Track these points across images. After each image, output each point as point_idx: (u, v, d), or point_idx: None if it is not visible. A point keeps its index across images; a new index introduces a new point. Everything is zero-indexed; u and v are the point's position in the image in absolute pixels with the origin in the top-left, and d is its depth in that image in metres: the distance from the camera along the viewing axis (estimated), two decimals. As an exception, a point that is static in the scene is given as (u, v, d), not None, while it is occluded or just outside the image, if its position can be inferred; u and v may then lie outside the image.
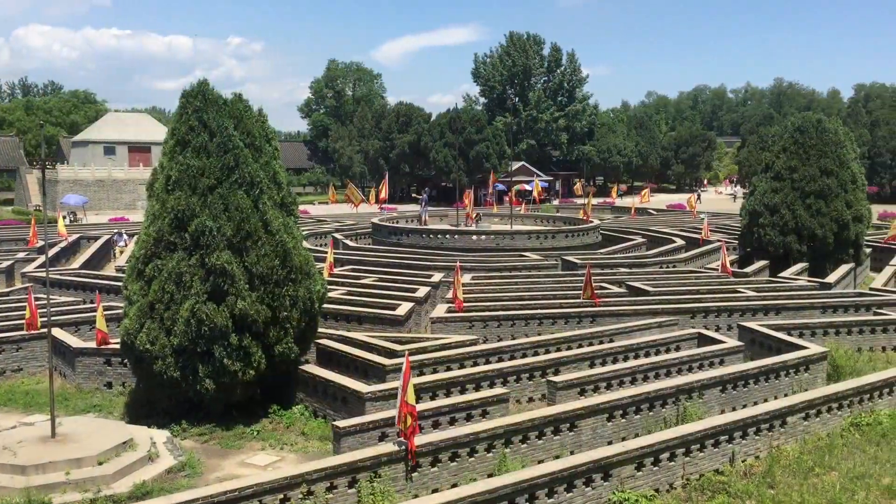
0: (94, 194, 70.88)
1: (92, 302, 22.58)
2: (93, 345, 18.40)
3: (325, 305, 19.50)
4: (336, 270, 28.20)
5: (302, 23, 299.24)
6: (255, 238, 15.63)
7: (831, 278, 27.73)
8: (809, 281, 27.85)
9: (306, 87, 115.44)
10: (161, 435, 14.59)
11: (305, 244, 19.14)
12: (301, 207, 58.29)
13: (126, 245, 37.35)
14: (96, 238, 39.42)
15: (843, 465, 13.41)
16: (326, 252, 29.08)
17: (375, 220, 43.76)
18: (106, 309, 19.59)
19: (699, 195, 68.52)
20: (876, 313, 23.13)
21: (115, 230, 40.23)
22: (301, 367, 16.77)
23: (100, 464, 12.87)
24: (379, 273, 28.50)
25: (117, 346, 17.20)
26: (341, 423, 13.09)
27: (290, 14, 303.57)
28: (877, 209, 46.42)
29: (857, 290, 27.90)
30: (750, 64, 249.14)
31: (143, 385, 16.60)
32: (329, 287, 22.00)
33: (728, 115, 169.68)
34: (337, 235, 40.38)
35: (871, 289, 26.79)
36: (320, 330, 18.64)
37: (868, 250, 35.15)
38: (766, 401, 16.09)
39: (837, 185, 31.34)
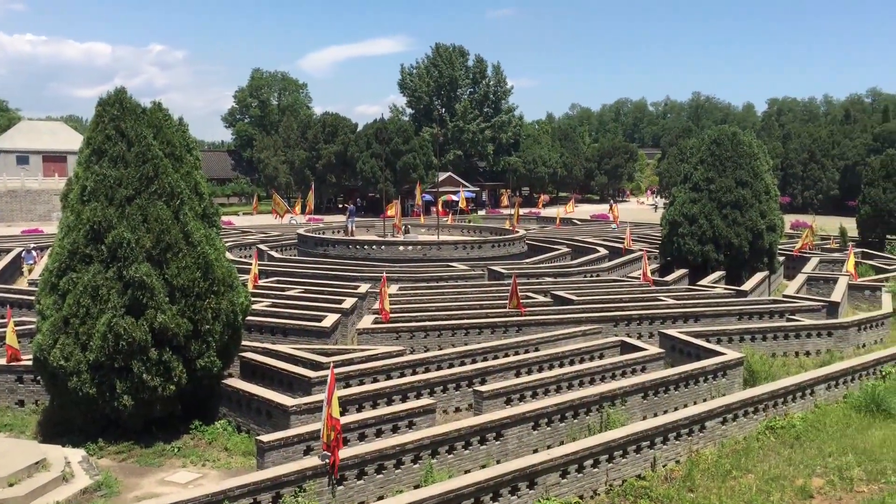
0: (6, 205, 68.25)
1: (2, 317, 21.70)
2: (2, 361, 17.66)
3: (249, 318, 19.21)
4: (261, 282, 27.78)
5: (227, 31, 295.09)
6: (176, 250, 15.28)
7: (747, 286, 28.62)
8: (726, 289, 28.68)
9: (230, 96, 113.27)
10: (76, 454, 14.08)
11: (229, 255, 18.83)
12: (225, 218, 57.29)
13: (35, 263, 35.65)
14: (7, 251, 37.92)
15: (759, 467, 13.82)
16: (251, 263, 28.63)
17: (301, 230, 43.30)
18: (17, 324, 18.83)
19: (612, 206, 70.05)
20: (789, 319, 23.97)
21: (23, 248, 38.29)
22: (224, 381, 16.43)
23: (10, 485, 12.35)
24: (305, 284, 28.19)
25: (29, 363, 16.56)
26: (265, 438, 12.87)
27: (215, 22, 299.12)
28: (789, 219, 48.14)
29: (771, 298, 28.86)
30: (669, 78, 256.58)
31: (57, 402, 16.00)
32: (253, 299, 21.70)
33: (649, 128, 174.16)
34: (262, 247, 39.80)
35: (784, 296, 27.75)
36: (244, 343, 18.31)
37: (781, 259, 36.42)
38: (685, 406, 16.49)
39: (752, 195, 32.42)
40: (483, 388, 16.04)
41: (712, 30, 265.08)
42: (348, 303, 24.14)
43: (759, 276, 30.75)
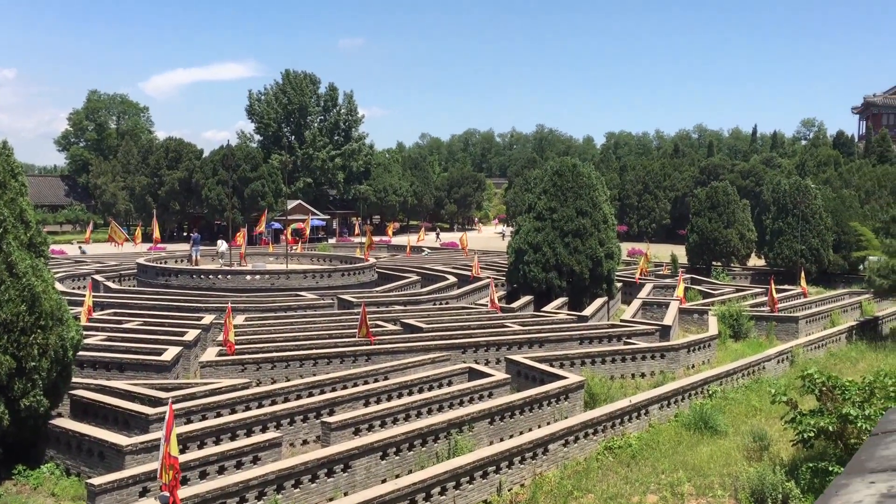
0: None
1: None
2: None
3: (81, 353, 18.09)
4: (95, 315, 26.29)
5: (62, 50, 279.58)
6: (-2, 282, 14.21)
7: (588, 311, 29.83)
8: (569, 314, 29.77)
9: (65, 118, 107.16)
10: None
11: (60, 287, 17.70)
12: (58, 247, 53.95)
13: None
14: None
15: (599, 487, 14.35)
16: (85, 295, 27.07)
17: (141, 260, 41.41)
18: None
19: (438, 234, 71.63)
20: (626, 343, 25.16)
21: None
22: (52, 421, 15.37)
23: None
24: (144, 316, 26.93)
25: None
26: (97, 481, 12.12)
27: (48, 40, 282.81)
28: (626, 247, 50.76)
29: (609, 322, 30.21)
30: (515, 110, 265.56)
31: None
32: (87, 333, 20.48)
33: (496, 158, 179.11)
34: (97, 277, 37.70)
35: (621, 320, 29.13)
36: (76, 380, 17.22)
37: (619, 285, 38.25)
38: (530, 430, 16.91)
39: (592, 224, 33.95)
40: (331, 419, 15.83)
41: (555, 65, 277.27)
42: (191, 335, 23.25)
43: (598, 301, 32.14)
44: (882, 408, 13.84)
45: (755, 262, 54.23)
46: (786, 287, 40.10)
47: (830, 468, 13.29)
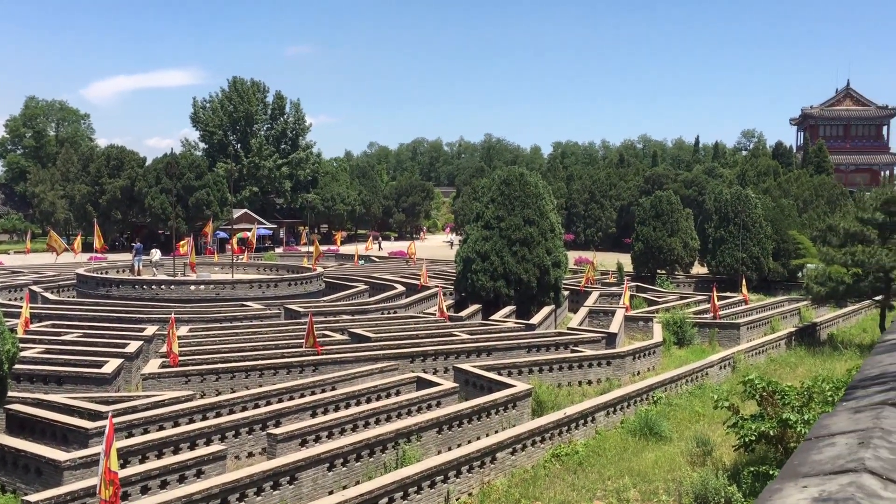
0: None
1: None
2: None
3: (17, 366, 17.57)
4: (33, 326, 25.59)
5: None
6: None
7: (535, 319, 30.03)
8: (516, 323, 29.93)
9: (1, 125, 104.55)
10: None
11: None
12: (-8, 257, 52.38)
13: None
14: None
15: (546, 494, 14.43)
16: (21, 307, 26.31)
17: (81, 270, 40.44)
18: None
19: (380, 244, 71.61)
20: (573, 350, 25.39)
21: None
22: (-14, 437, 14.89)
23: None
24: (84, 328, 26.31)
25: None
26: (33, 498, 11.75)
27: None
28: (573, 255, 51.26)
29: (556, 331, 30.46)
30: (463, 120, 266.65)
31: None
32: (23, 345, 19.94)
33: (444, 167, 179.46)
34: (35, 288, 36.69)
35: (568, 328, 29.39)
36: (12, 394, 16.71)
37: (566, 293, 38.60)
38: (478, 439, 16.92)
39: (539, 233, 34.22)
40: (277, 431, 15.63)
41: (503, 75, 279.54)
42: (133, 346, 22.79)
43: (546, 309, 32.38)
44: (820, 412, 14.20)
45: (698, 269, 55.28)
46: (728, 294, 40.97)
47: (771, 472, 13.57)
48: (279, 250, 79.55)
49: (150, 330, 25.74)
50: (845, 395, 3.34)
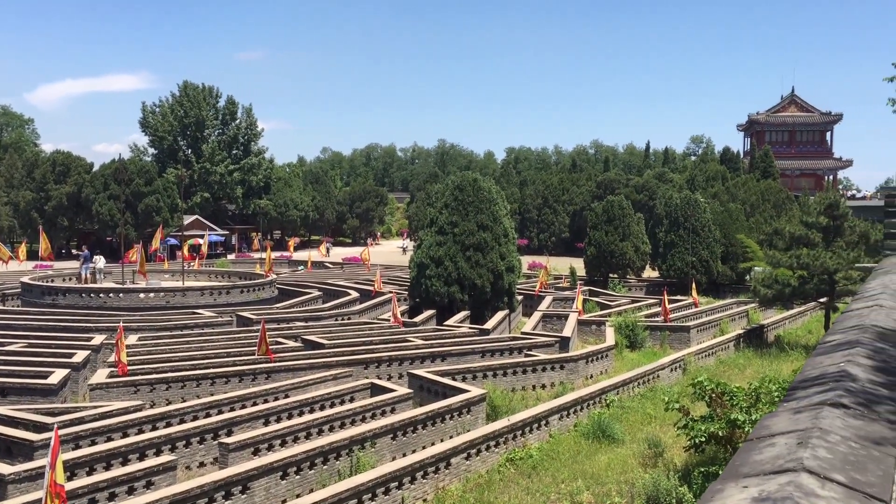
0: None
1: None
2: None
3: (-42, 378, 17.11)
4: (-25, 337, 24.88)
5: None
6: None
7: (489, 324, 30.14)
8: (471, 328, 30.00)
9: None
10: None
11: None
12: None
13: None
14: None
15: (500, 498, 14.48)
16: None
17: (26, 278, 39.47)
18: None
19: (328, 250, 71.47)
20: (527, 355, 25.53)
21: None
22: (-75, 452, 14.44)
23: None
24: (29, 338, 25.65)
25: None
26: (-25, 514, 11.44)
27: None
28: (526, 260, 51.64)
29: (510, 335, 30.60)
30: (417, 125, 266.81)
31: None
32: (-36, 357, 19.39)
33: (398, 173, 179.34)
34: (-22, 297, 35.73)
35: (522, 333, 29.55)
36: (-48, 407, 16.25)
37: (520, 297, 38.81)
38: (433, 444, 16.92)
39: (493, 238, 34.37)
40: (229, 440, 15.44)
41: (457, 81, 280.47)
42: (80, 356, 22.31)
43: (500, 314, 32.53)
44: (767, 412, 14.48)
45: (650, 273, 56.07)
46: (678, 297, 41.60)
47: (720, 472, 13.80)
48: (231, 257, 78.64)
49: (98, 339, 25.24)
50: (786, 396, 3.42)
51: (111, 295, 35.38)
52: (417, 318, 31.81)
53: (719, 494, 2.19)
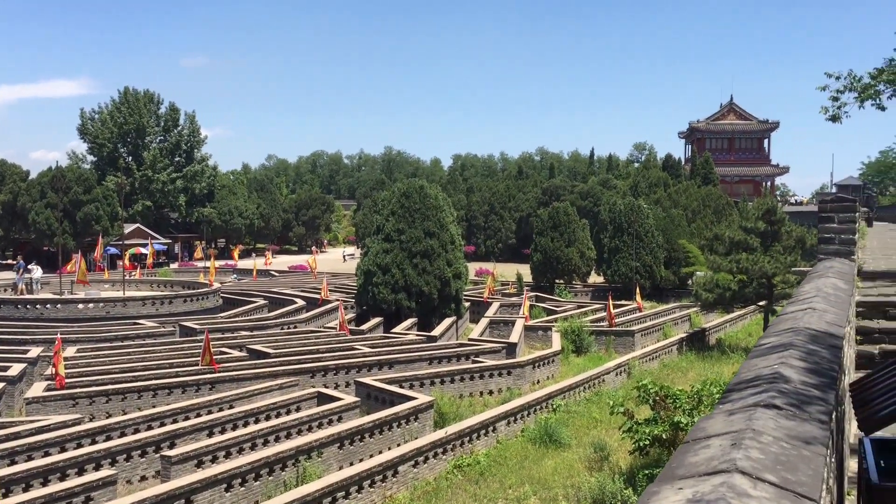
0: None
1: None
2: None
3: None
4: None
5: None
6: None
7: (436, 331, 30.15)
8: (418, 335, 29.98)
9: None
10: None
11: None
12: None
13: None
14: None
15: (448, 505, 14.47)
16: None
17: (-41, 290, 38.20)
18: None
19: (267, 258, 71.03)
20: (474, 361, 25.60)
21: None
22: None
23: None
24: (-39, 351, 24.83)
25: None
26: None
27: None
28: (473, 266, 51.75)
29: (458, 342, 30.66)
30: (363, 132, 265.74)
31: None
32: None
33: (345, 180, 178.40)
34: None
35: (469, 339, 29.63)
36: None
37: (467, 304, 38.93)
38: (380, 453, 16.84)
39: (439, 245, 34.43)
40: (171, 453, 15.14)
41: (402, 87, 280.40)
42: (15, 369, 21.70)
43: (447, 321, 32.56)
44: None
45: (595, 279, 56.71)
46: (623, 302, 42.17)
47: (664, 474, 14.01)
48: (174, 266, 77.30)
49: (35, 351, 24.55)
50: (722, 398, 3.49)
51: (48, 306, 34.46)
52: (364, 326, 31.66)
53: (655, 497, 2.22)
